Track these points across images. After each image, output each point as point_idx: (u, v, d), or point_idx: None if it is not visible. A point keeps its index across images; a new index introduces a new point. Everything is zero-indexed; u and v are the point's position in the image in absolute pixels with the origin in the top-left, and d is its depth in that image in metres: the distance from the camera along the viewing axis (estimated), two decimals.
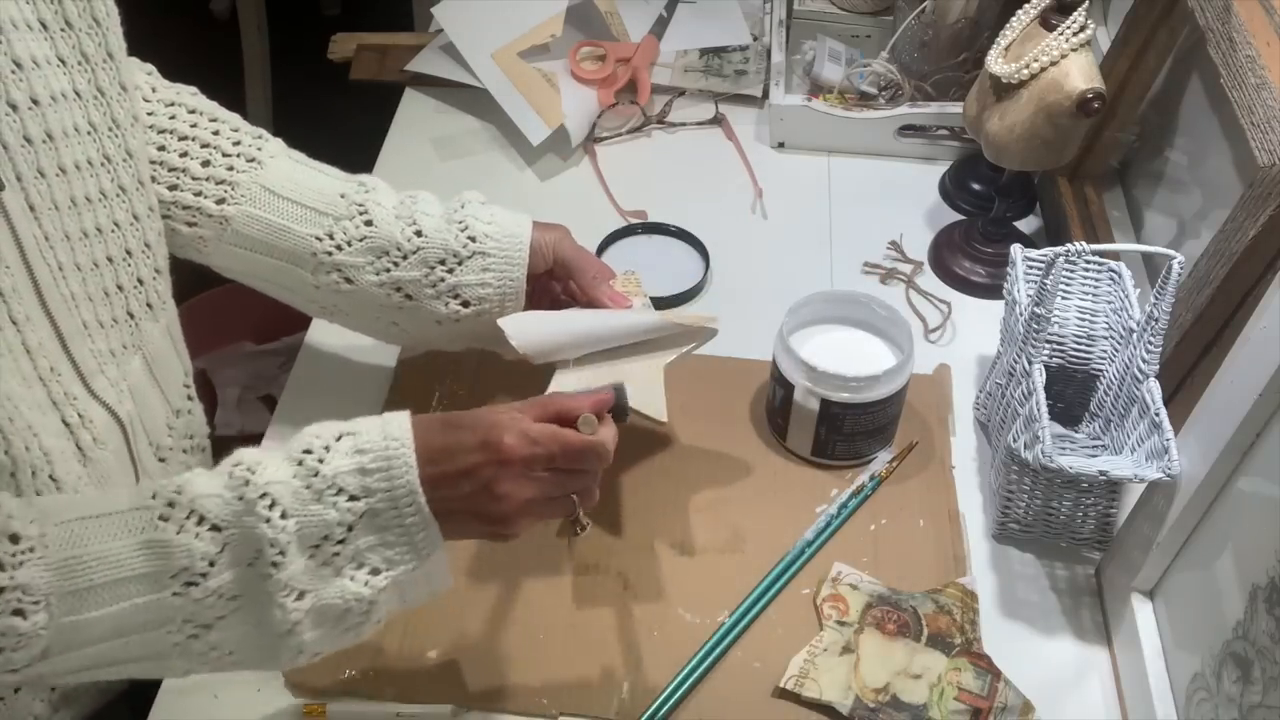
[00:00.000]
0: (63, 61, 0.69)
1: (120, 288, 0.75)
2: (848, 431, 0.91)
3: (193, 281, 0.85)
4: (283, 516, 0.62)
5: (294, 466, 0.63)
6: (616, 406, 0.72)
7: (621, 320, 0.84)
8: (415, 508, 0.64)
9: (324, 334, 1.04)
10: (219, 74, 0.87)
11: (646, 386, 0.82)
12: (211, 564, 0.62)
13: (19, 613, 0.60)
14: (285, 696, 0.80)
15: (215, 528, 0.62)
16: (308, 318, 1.05)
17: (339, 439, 0.64)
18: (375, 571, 0.64)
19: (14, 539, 0.60)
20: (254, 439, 0.94)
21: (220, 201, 0.83)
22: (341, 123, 0.93)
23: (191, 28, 2.67)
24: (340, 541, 0.63)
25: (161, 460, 0.82)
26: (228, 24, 2.51)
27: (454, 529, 0.67)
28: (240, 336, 1.43)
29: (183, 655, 0.64)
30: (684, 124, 1.28)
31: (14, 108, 0.65)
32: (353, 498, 0.63)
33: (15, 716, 0.76)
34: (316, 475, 0.63)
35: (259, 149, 0.85)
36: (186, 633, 0.63)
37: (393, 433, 0.64)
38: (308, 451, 0.64)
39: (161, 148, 0.82)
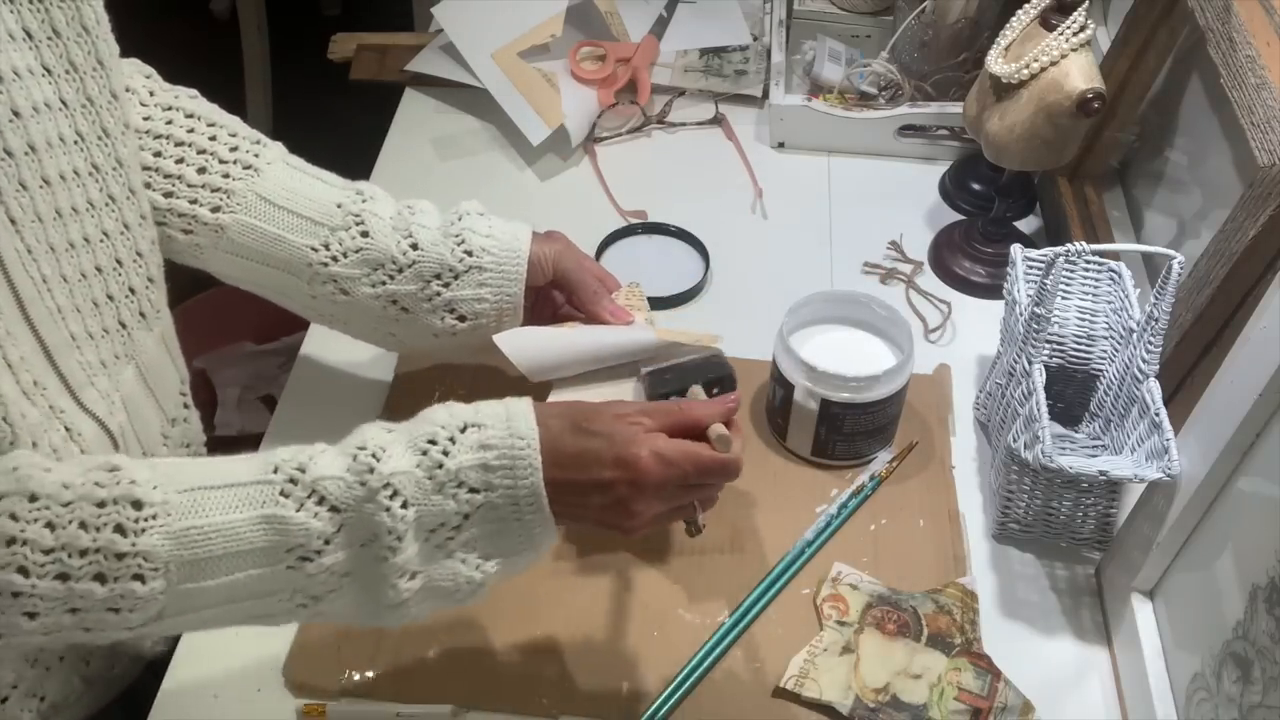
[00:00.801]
0: (48, 71, 0.67)
1: (111, 298, 0.74)
2: (848, 431, 0.91)
3: (192, 282, 0.85)
4: (403, 506, 0.63)
5: (418, 456, 0.64)
6: (726, 376, 0.74)
7: (620, 338, 0.83)
8: (536, 508, 0.65)
9: (324, 334, 1.04)
10: (219, 74, 0.86)
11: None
12: (327, 542, 0.63)
13: (139, 577, 0.61)
14: (285, 696, 0.80)
15: (335, 509, 0.63)
16: (307, 320, 1.05)
17: (464, 430, 0.65)
18: (487, 557, 0.66)
19: (138, 505, 0.61)
20: (254, 439, 0.94)
21: (216, 210, 0.82)
22: (341, 123, 0.93)
23: (191, 28, 2.67)
24: (456, 528, 0.65)
25: None
26: (227, 24, 2.51)
27: (572, 525, 0.69)
28: (240, 336, 1.43)
29: (288, 615, 0.67)
30: (684, 124, 1.28)
31: None
32: (473, 490, 0.65)
33: None
34: (440, 468, 0.64)
35: (256, 155, 0.84)
36: (297, 601, 0.65)
37: (519, 429, 0.65)
38: (432, 442, 0.65)
39: (158, 154, 0.81)
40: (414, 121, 1.28)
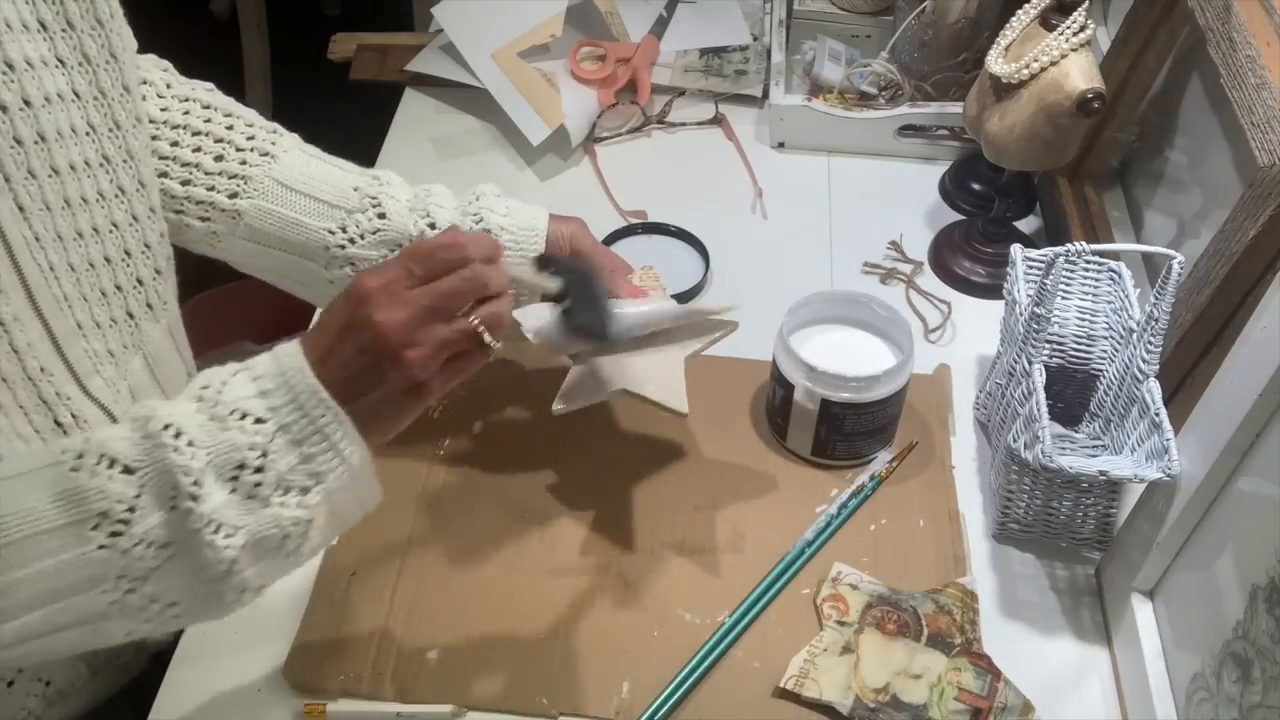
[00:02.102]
0: (62, 62, 0.68)
1: (119, 288, 0.75)
2: (848, 431, 0.91)
3: (193, 281, 0.85)
4: (190, 445, 0.60)
5: (195, 403, 0.62)
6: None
7: (640, 309, 0.83)
8: (322, 405, 0.62)
9: None
10: (219, 74, 0.87)
11: (667, 378, 0.82)
12: (131, 509, 0.60)
13: None
14: (285, 696, 0.80)
15: (128, 469, 0.60)
16: (308, 319, 1.05)
17: (235, 375, 0.63)
18: (304, 490, 0.63)
19: None
20: None
21: (233, 196, 0.83)
22: (341, 123, 0.93)
23: (191, 28, 2.67)
24: (259, 470, 0.61)
25: None
26: (228, 24, 2.51)
27: (370, 414, 0.64)
28: (240, 336, 1.43)
29: (122, 614, 0.62)
30: (684, 124, 1.28)
31: (4, 109, 0.64)
32: (259, 420, 0.61)
33: (8, 711, 0.76)
34: (217, 405, 0.61)
35: (272, 143, 0.85)
36: (122, 589, 0.61)
37: (282, 353, 0.63)
38: (205, 387, 0.63)
39: (175, 143, 0.82)
40: (414, 121, 1.28)
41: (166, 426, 0.60)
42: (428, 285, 0.64)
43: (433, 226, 0.83)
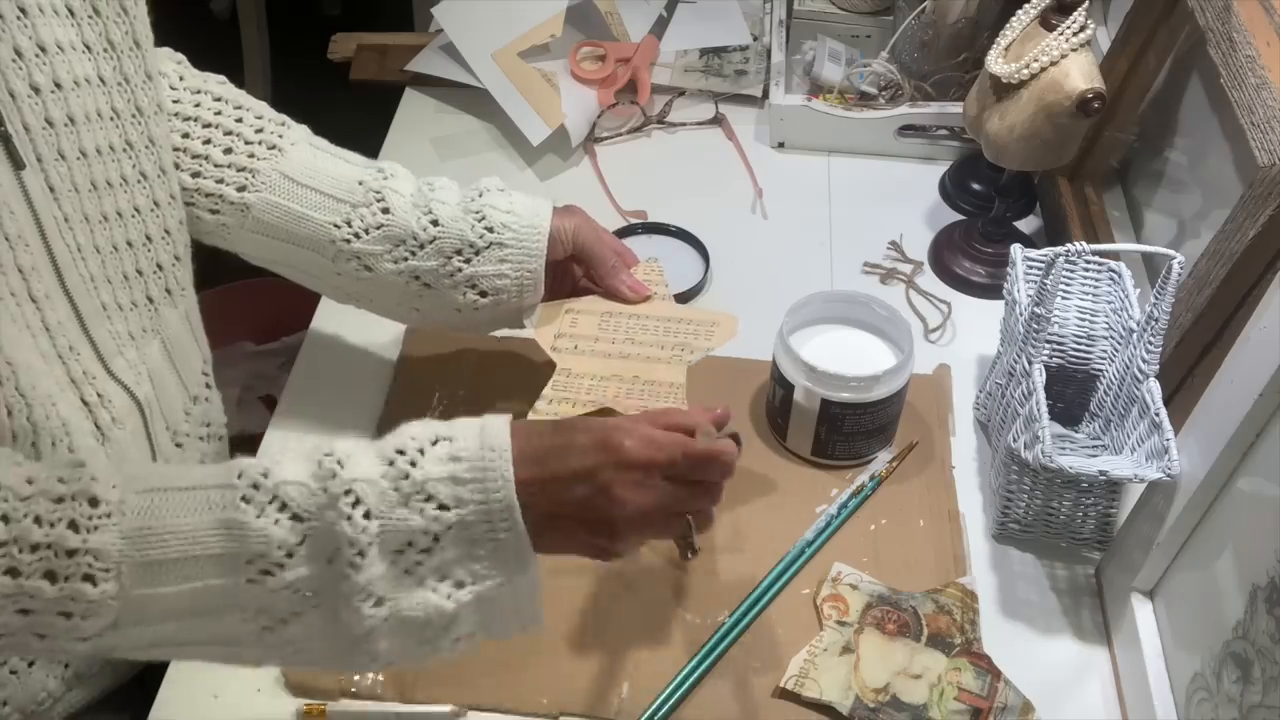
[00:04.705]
0: (88, 47, 0.70)
1: (140, 272, 0.76)
2: (848, 431, 0.91)
3: (194, 281, 0.85)
4: (366, 516, 0.59)
5: (384, 466, 0.60)
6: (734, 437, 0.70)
7: (643, 311, 0.85)
8: (510, 523, 0.61)
9: (324, 334, 1.04)
10: (218, 73, 0.87)
11: (671, 389, 0.82)
12: (290, 555, 0.59)
13: (89, 578, 0.58)
14: (285, 696, 0.80)
15: (297, 517, 0.59)
16: (308, 318, 1.05)
17: (435, 443, 0.61)
18: (459, 585, 0.61)
19: (94, 502, 0.59)
20: (254, 439, 0.94)
21: (241, 189, 0.83)
22: (341, 123, 0.92)
23: (191, 27, 2.65)
24: (425, 550, 0.60)
25: (178, 445, 0.83)
26: (228, 23, 2.51)
27: (556, 540, 0.64)
28: (240, 336, 1.43)
29: (256, 645, 0.62)
30: (684, 124, 1.28)
31: (36, 90, 0.65)
32: (442, 506, 0.60)
33: (29, 691, 0.77)
34: (407, 479, 0.60)
35: (280, 136, 0.85)
36: (260, 623, 0.61)
37: (490, 441, 0.61)
38: (400, 452, 0.61)
39: (185, 135, 0.83)
40: (414, 121, 1.28)
41: (348, 492, 0.59)
42: (677, 487, 0.65)
43: (435, 223, 0.83)
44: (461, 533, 0.61)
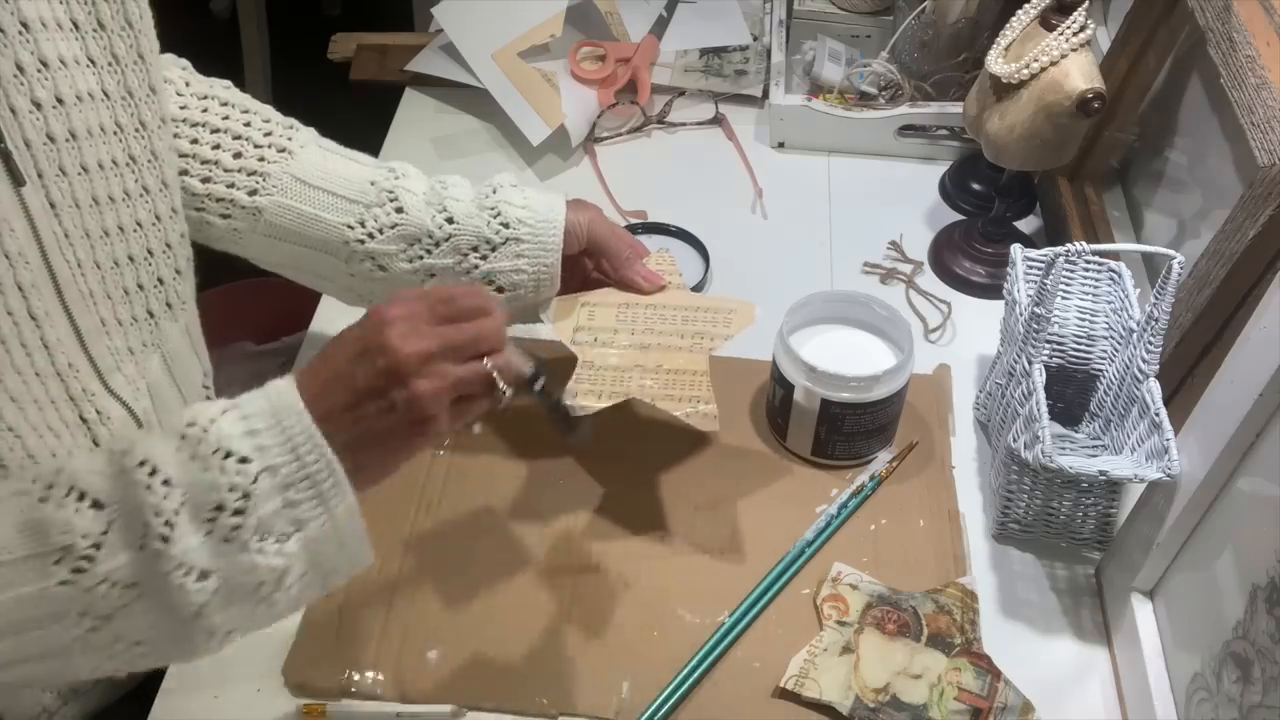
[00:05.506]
0: (92, 62, 0.69)
1: (140, 287, 0.75)
2: (848, 431, 0.91)
3: (194, 294, 0.85)
4: (165, 484, 0.58)
5: (177, 440, 0.59)
6: (533, 378, 0.68)
7: (659, 301, 0.85)
8: (316, 450, 0.60)
9: (324, 334, 1.04)
10: (219, 74, 0.87)
11: (695, 377, 0.82)
12: (97, 545, 0.58)
13: None
14: (285, 696, 0.80)
15: (97, 504, 0.58)
16: (307, 319, 1.05)
17: (224, 412, 0.60)
18: (283, 538, 0.60)
19: None
20: None
21: (252, 193, 0.83)
22: (341, 123, 0.92)
23: (191, 27, 2.66)
24: (239, 512, 0.58)
25: None
26: (228, 23, 2.51)
27: (368, 446, 0.62)
28: (240, 336, 1.43)
29: (85, 650, 0.60)
30: (684, 124, 1.28)
31: (38, 105, 0.65)
32: (244, 460, 0.59)
33: (24, 706, 0.77)
34: (201, 443, 0.59)
35: (290, 139, 0.85)
36: (85, 626, 0.59)
37: (275, 392, 0.61)
38: (190, 424, 0.59)
39: (194, 141, 0.82)
40: (414, 121, 1.28)
41: (142, 463, 0.58)
42: (449, 324, 0.64)
43: (450, 220, 0.83)
44: (271, 480, 0.59)
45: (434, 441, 0.65)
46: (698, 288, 1.09)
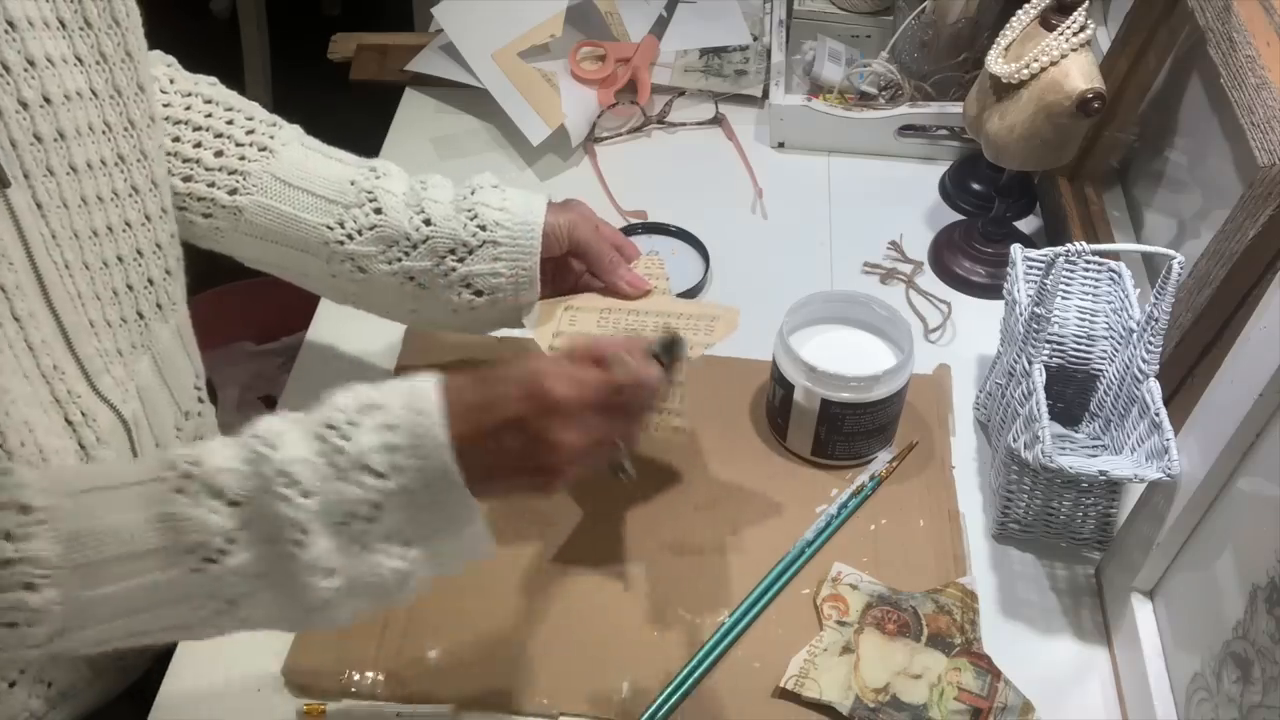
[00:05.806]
0: (80, 60, 0.68)
1: (130, 287, 0.75)
2: (848, 431, 0.91)
3: (193, 282, 0.85)
4: (303, 495, 0.59)
5: (316, 443, 0.60)
6: (670, 352, 0.69)
7: (642, 307, 0.84)
8: (449, 485, 0.61)
9: (324, 334, 1.04)
10: (218, 74, 0.87)
11: (673, 387, 0.82)
12: (231, 540, 0.59)
13: (29, 586, 0.57)
14: (285, 696, 0.80)
15: (233, 503, 0.59)
16: (308, 318, 1.05)
17: (364, 413, 0.61)
18: (408, 543, 0.62)
19: (25, 510, 0.58)
20: None
21: (233, 192, 0.82)
22: (341, 123, 0.93)
23: (191, 27, 2.67)
24: (369, 520, 0.60)
25: None
26: (227, 23, 2.51)
27: (496, 488, 0.64)
28: (240, 336, 1.43)
29: (211, 625, 0.62)
30: (684, 124, 1.28)
31: (24, 105, 0.64)
32: (380, 475, 0.60)
33: (11, 712, 0.76)
34: (341, 453, 0.60)
35: (271, 137, 0.84)
36: (213, 608, 0.61)
37: (419, 404, 0.61)
38: (330, 426, 0.60)
39: (177, 139, 0.82)
40: (414, 121, 1.28)
41: (281, 474, 0.59)
42: (606, 419, 0.65)
43: (428, 222, 0.82)
44: (402, 498, 0.61)
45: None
46: (698, 288, 1.09)
